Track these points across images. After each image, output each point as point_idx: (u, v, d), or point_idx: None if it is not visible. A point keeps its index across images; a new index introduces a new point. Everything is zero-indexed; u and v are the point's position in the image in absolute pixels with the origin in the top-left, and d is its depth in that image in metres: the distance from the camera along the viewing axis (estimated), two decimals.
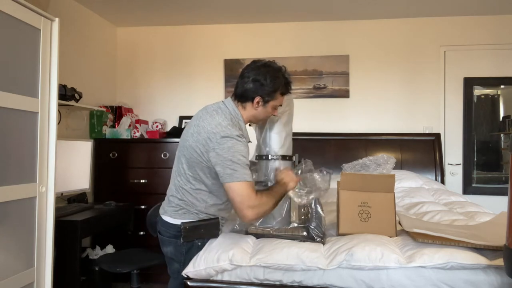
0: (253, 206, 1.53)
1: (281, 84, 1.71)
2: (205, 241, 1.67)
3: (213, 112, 1.68)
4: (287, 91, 1.75)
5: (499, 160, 3.82)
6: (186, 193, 1.68)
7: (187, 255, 1.67)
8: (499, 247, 1.33)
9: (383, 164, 1.73)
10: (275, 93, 1.69)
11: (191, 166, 1.66)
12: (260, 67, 1.71)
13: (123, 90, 4.15)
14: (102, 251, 3.24)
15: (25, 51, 2.01)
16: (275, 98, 1.70)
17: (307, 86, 3.91)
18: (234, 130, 1.60)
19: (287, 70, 1.78)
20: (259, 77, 1.68)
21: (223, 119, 1.63)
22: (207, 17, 3.85)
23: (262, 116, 1.73)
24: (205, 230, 1.67)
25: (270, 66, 1.73)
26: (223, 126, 1.60)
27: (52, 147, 2.17)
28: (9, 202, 1.90)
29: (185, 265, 1.64)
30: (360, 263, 1.38)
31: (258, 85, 1.67)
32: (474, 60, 3.73)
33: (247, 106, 1.71)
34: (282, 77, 1.73)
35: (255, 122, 1.78)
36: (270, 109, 1.72)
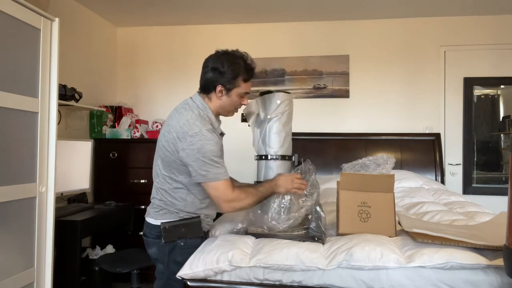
0: (229, 201, 1.58)
1: (241, 70, 1.66)
2: (188, 241, 1.66)
3: (181, 109, 1.68)
4: (249, 77, 1.70)
5: (499, 160, 3.82)
6: (165, 193, 1.68)
7: (170, 256, 1.66)
8: (499, 247, 1.33)
9: (383, 164, 1.73)
10: (235, 79, 1.66)
11: (166, 165, 1.66)
12: (219, 55, 1.69)
13: (123, 90, 4.15)
14: (102, 251, 3.25)
15: (25, 51, 2.01)
16: (237, 85, 1.67)
17: (307, 86, 3.91)
18: (202, 125, 1.59)
19: (250, 57, 1.75)
20: (217, 65, 1.65)
21: (190, 115, 1.62)
22: (207, 17, 3.85)
23: (228, 106, 1.70)
24: (186, 229, 1.65)
25: (229, 53, 1.70)
26: (190, 123, 1.59)
27: (52, 147, 2.17)
28: (9, 202, 1.90)
29: (168, 266, 1.66)
30: (360, 263, 1.38)
31: (217, 73, 1.65)
32: (474, 60, 3.73)
33: (212, 97, 1.69)
34: (243, 63, 1.68)
35: (224, 113, 1.75)
36: (235, 98, 1.69)
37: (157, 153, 1.72)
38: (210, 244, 1.60)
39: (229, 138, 3.82)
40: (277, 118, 1.78)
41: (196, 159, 1.56)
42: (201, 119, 1.61)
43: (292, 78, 3.93)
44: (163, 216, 1.68)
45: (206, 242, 1.66)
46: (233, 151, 3.90)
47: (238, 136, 3.79)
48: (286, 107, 1.78)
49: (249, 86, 1.73)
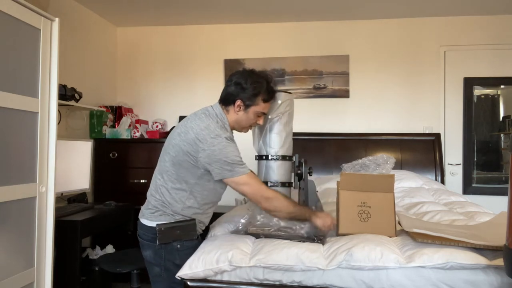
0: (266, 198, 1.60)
1: (263, 89, 1.69)
2: (184, 244, 1.66)
3: (202, 115, 1.70)
4: (269, 98, 1.73)
5: (499, 160, 3.82)
6: (166, 192, 1.68)
7: (167, 259, 1.66)
8: (499, 247, 1.33)
9: (383, 164, 1.73)
10: (255, 97, 1.68)
11: (175, 164, 1.66)
12: (244, 72, 1.74)
13: (123, 90, 4.15)
14: (102, 251, 3.24)
15: (25, 51, 2.01)
16: (256, 103, 1.69)
17: (307, 86, 3.91)
18: (222, 132, 1.63)
19: (274, 80, 1.79)
20: (240, 80, 1.69)
21: (211, 122, 1.65)
22: (207, 17, 3.85)
23: (244, 122, 1.73)
24: (181, 231, 1.65)
25: (255, 72, 1.74)
26: (211, 128, 1.62)
27: (52, 147, 2.17)
28: (9, 202, 1.90)
29: (166, 269, 1.65)
30: (360, 263, 1.38)
31: (239, 88, 1.69)
32: (474, 60, 3.73)
33: (230, 110, 1.72)
34: (265, 83, 1.71)
35: (238, 129, 1.77)
36: (252, 115, 1.72)
37: (166, 150, 1.72)
38: (210, 244, 1.60)
39: None
40: (277, 118, 1.78)
41: (218, 159, 1.58)
42: (221, 127, 1.66)
43: (292, 78, 3.93)
44: (158, 218, 1.68)
45: (206, 242, 1.66)
46: None
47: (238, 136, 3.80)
48: (287, 107, 1.79)
49: (267, 107, 1.75)
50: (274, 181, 1.75)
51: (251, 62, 3.94)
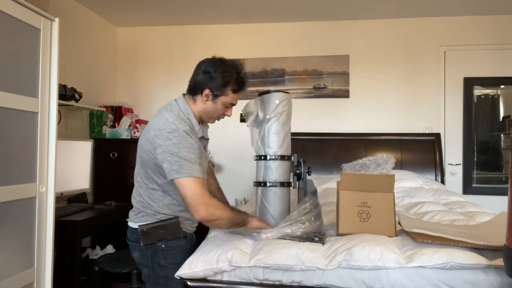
0: (207, 204, 1.49)
1: (232, 79, 1.65)
2: (169, 243, 1.63)
3: (163, 110, 1.67)
4: (239, 89, 1.68)
5: (499, 160, 3.82)
6: (143, 193, 1.67)
7: (153, 259, 1.64)
8: (499, 247, 1.33)
9: (383, 164, 1.73)
10: (224, 87, 1.64)
11: (143, 165, 1.66)
12: (213, 60, 1.68)
13: (123, 90, 4.15)
14: (102, 251, 3.25)
15: (25, 51, 2.01)
16: (225, 93, 1.65)
17: (307, 86, 3.91)
18: (181, 125, 1.57)
19: (244, 69, 1.72)
20: (209, 69, 1.65)
21: (170, 115, 1.61)
22: (207, 17, 3.85)
23: (212, 112, 1.69)
24: (164, 230, 1.61)
25: (225, 61, 1.69)
26: (169, 122, 1.58)
27: (52, 147, 2.17)
28: (9, 202, 1.90)
29: (154, 270, 1.64)
30: (360, 263, 1.38)
31: (207, 77, 1.64)
32: (474, 60, 3.73)
33: (197, 100, 1.68)
34: (235, 73, 1.66)
35: (206, 119, 1.73)
36: (220, 106, 1.67)
37: (137, 153, 1.74)
38: (209, 244, 1.60)
39: (228, 138, 3.85)
40: (276, 118, 1.78)
41: (170, 154, 1.52)
42: (180, 120, 1.60)
43: (292, 78, 3.93)
44: (140, 219, 1.66)
45: (206, 242, 1.66)
46: (232, 152, 3.90)
47: (237, 137, 3.80)
48: (285, 107, 1.78)
49: (236, 98, 1.72)
50: (272, 181, 1.74)
51: (251, 62, 3.94)
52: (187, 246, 1.69)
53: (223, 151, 3.85)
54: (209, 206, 1.50)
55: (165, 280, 1.63)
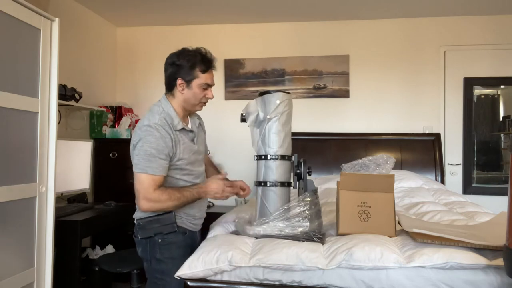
0: (148, 200, 1.61)
1: (197, 60, 1.70)
2: (165, 237, 1.68)
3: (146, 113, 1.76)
4: (207, 68, 1.73)
5: (499, 160, 3.82)
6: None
7: (151, 253, 1.70)
8: (499, 247, 1.33)
9: (383, 164, 1.73)
10: (192, 70, 1.69)
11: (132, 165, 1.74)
12: (176, 52, 1.75)
13: (123, 90, 4.15)
14: (102, 251, 3.24)
15: (25, 51, 2.01)
16: (195, 76, 1.70)
17: (307, 86, 3.91)
18: (153, 118, 1.66)
19: (209, 51, 1.76)
20: (173, 60, 1.71)
21: (148, 113, 1.72)
22: (207, 17, 3.85)
23: (192, 98, 1.74)
24: (159, 224, 1.68)
25: (186, 48, 1.75)
26: (145, 118, 1.69)
27: (52, 147, 2.17)
28: (9, 202, 1.90)
29: (151, 263, 1.71)
30: (360, 263, 1.38)
31: (175, 67, 1.71)
32: (474, 60, 3.73)
33: (176, 93, 1.74)
34: (199, 55, 1.71)
35: (190, 107, 1.77)
36: (197, 90, 1.72)
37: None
38: (209, 244, 1.60)
39: (228, 138, 3.85)
40: (276, 118, 1.78)
41: (135, 148, 1.64)
42: (155, 115, 1.68)
43: (292, 78, 3.93)
44: (138, 214, 1.75)
45: (206, 242, 1.66)
46: (233, 151, 3.90)
47: (238, 136, 3.80)
48: (285, 107, 1.78)
49: (209, 78, 1.75)
50: (273, 181, 1.75)
51: (251, 62, 3.94)
52: (187, 243, 1.72)
53: (224, 151, 3.84)
54: (150, 202, 1.62)
55: (160, 274, 1.68)
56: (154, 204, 1.62)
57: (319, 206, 1.71)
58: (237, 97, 3.96)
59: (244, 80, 3.96)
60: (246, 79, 3.96)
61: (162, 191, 1.63)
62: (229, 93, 3.99)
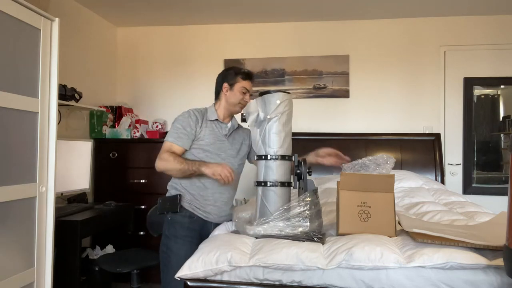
0: (160, 158, 1.93)
1: (239, 70, 2.10)
2: (173, 217, 1.98)
3: None
4: (247, 77, 2.09)
5: (499, 160, 3.82)
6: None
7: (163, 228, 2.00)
8: (499, 247, 1.33)
9: (383, 164, 1.73)
10: (236, 76, 2.07)
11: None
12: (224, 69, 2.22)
13: (123, 90, 4.15)
14: (102, 251, 3.25)
15: (25, 51, 2.01)
16: (237, 80, 2.07)
17: (307, 86, 3.91)
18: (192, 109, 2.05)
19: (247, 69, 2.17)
20: (222, 73, 2.15)
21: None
22: (207, 17, 3.85)
23: (233, 99, 2.07)
24: (169, 203, 1.98)
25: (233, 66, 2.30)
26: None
27: (52, 147, 2.17)
28: (9, 202, 1.90)
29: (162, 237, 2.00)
30: (360, 263, 1.38)
31: (221, 77, 2.12)
32: (474, 60, 3.73)
33: (221, 97, 2.11)
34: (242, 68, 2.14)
35: (232, 108, 2.09)
36: (237, 92, 2.06)
37: None
38: (209, 244, 1.60)
39: None
40: (276, 118, 1.78)
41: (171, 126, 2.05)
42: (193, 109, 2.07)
43: (292, 78, 3.93)
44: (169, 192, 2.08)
45: (205, 242, 1.66)
46: None
47: None
48: (285, 107, 1.78)
49: (248, 84, 2.10)
50: (273, 181, 1.75)
51: (251, 62, 3.94)
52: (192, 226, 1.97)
53: None
54: (161, 160, 1.92)
55: (165, 247, 1.96)
56: (161, 162, 1.92)
57: (319, 206, 1.71)
58: None
59: None
60: None
61: (170, 154, 1.93)
62: None
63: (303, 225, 1.63)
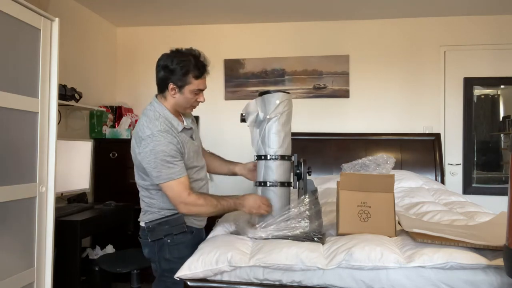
0: (186, 203, 1.62)
1: (191, 66, 1.66)
2: (174, 238, 1.70)
3: (141, 115, 1.73)
4: (201, 74, 1.70)
5: (499, 160, 3.82)
6: (143, 193, 1.77)
7: (160, 254, 1.72)
8: (499, 247, 1.33)
9: (383, 164, 1.73)
10: (185, 76, 1.66)
11: (136, 167, 1.76)
12: (169, 54, 1.70)
13: (123, 90, 4.15)
14: (102, 251, 3.24)
15: (25, 51, 2.01)
16: (188, 82, 1.67)
17: (307, 86, 3.91)
18: (154, 127, 1.63)
19: (203, 54, 1.74)
20: (167, 63, 1.67)
21: (144, 120, 1.67)
22: (207, 17, 3.85)
23: (183, 103, 1.73)
24: (169, 226, 1.69)
25: (180, 51, 1.71)
26: (144, 126, 1.65)
27: (52, 147, 2.17)
28: (9, 202, 1.90)
29: (160, 264, 1.73)
30: (360, 263, 1.38)
31: (167, 71, 1.67)
32: (474, 60, 3.73)
33: (167, 96, 1.72)
34: (193, 60, 1.68)
35: (181, 110, 1.77)
36: (189, 95, 1.70)
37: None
38: (209, 244, 1.60)
39: (228, 139, 3.85)
40: (276, 118, 1.78)
41: (149, 161, 1.61)
42: (154, 121, 1.65)
43: (292, 78, 3.93)
44: (147, 217, 1.75)
45: (205, 242, 1.66)
46: (233, 152, 3.90)
47: (237, 136, 3.79)
48: (285, 107, 1.78)
49: (202, 83, 1.73)
50: (273, 181, 1.75)
51: (251, 62, 3.94)
52: (194, 241, 1.74)
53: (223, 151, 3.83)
54: (188, 205, 1.63)
55: (170, 273, 1.67)
56: (192, 208, 1.65)
57: (319, 206, 1.71)
58: (237, 97, 3.96)
59: (244, 80, 3.96)
60: (246, 79, 3.96)
61: (198, 196, 1.65)
62: (229, 93, 3.99)
63: (303, 225, 1.64)
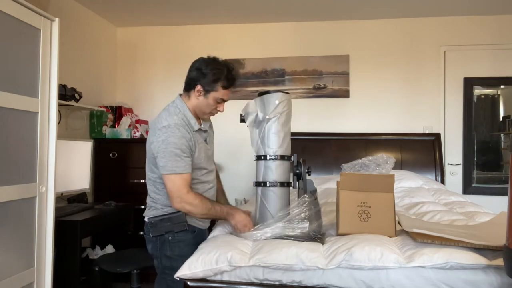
0: (182, 200, 1.67)
1: (223, 76, 1.75)
2: (176, 236, 1.74)
3: (162, 111, 1.82)
4: (229, 85, 1.78)
5: (499, 160, 3.82)
6: (150, 188, 1.81)
7: (161, 251, 1.76)
8: (499, 247, 1.33)
9: (383, 164, 1.73)
10: (215, 83, 1.75)
11: (148, 160, 1.80)
12: (206, 59, 1.80)
13: (123, 90, 4.15)
14: (102, 251, 3.25)
15: (25, 51, 2.01)
16: (215, 89, 1.76)
17: (307, 86, 3.91)
18: (172, 119, 1.71)
19: (235, 69, 1.83)
20: (201, 66, 1.77)
21: (164, 113, 1.77)
22: (207, 17, 3.85)
23: (204, 107, 1.80)
24: (170, 223, 1.73)
25: (216, 60, 1.80)
26: (162, 119, 1.73)
27: (52, 147, 2.17)
28: (9, 202, 1.90)
29: (161, 261, 1.77)
30: (360, 263, 1.38)
31: (199, 73, 1.76)
32: (474, 60, 3.73)
33: (191, 96, 1.80)
34: (226, 70, 1.77)
35: (200, 114, 1.83)
36: (211, 101, 1.78)
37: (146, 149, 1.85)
38: (209, 244, 1.60)
39: (227, 139, 3.85)
40: (275, 118, 1.78)
41: (159, 150, 1.68)
42: (172, 115, 1.73)
43: (292, 78, 3.93)
44: (151, 212, 1.80)
45: (205, 242, 1.66)
46: (232, 152, 3.90)
47: (237, 137, 3.80)
48: (284, 107, 1.78)
49: (227, 94, 1.81)
50: (272, 181, 1.74)
51: (251, 62, 3.94)
52: (196, 241, 1.76)
53: (223, 152, 3.84)
54: (183, 202, 1.67)
55: (170, 270, 1.70)
56: (186, 205, 1.68)
57: (318, 206, 1.71)
58: (237, 97, 3.94)
59: (244, 80, 3.96)
60: (246, 79, 3.96)
61: (195, 196, 1.69)
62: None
63: (302, 225, 1.64)
